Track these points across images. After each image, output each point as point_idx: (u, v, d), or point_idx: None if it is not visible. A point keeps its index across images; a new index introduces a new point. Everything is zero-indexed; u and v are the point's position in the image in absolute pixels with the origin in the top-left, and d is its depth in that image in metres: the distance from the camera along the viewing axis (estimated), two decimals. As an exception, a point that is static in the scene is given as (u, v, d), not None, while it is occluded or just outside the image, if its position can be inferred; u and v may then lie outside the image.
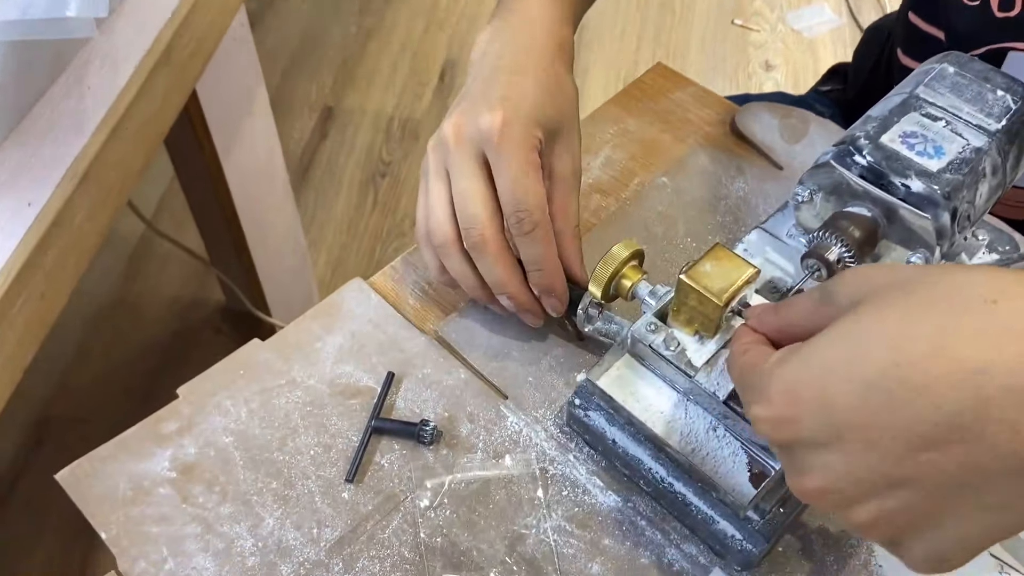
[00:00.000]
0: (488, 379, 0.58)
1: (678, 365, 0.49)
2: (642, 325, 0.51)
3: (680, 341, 0.50)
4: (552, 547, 0.51)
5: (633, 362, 0.52)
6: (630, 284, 0.54)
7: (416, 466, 0.54)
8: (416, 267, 0.64)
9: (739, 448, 0.49)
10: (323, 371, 0.57)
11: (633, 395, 0.51)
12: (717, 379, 0.49)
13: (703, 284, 0.48)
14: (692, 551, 0.51)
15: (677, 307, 0.50)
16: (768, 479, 0.47)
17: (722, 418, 0.49)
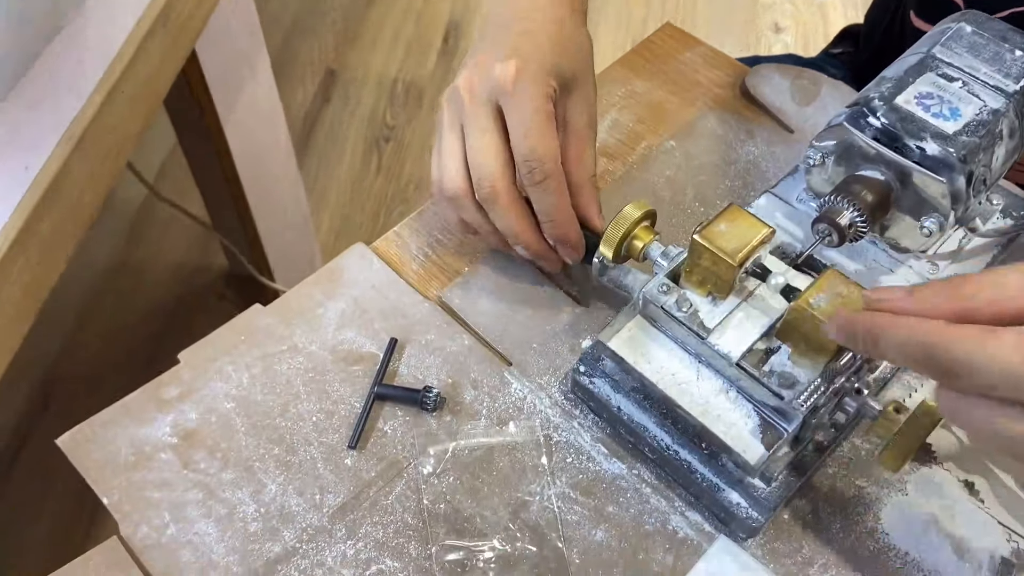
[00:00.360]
0: (492, 345, 0.57)
1: (690, 327, 0.48)
2: (654, 286, 0.50)
3: (693, 302, 0.49)
4: (556, 514, 0.51)
5: (645, 324, 0.52)
6: (642, 245, 0.53)
7: (419, 433, 0.53)
8: (419, 232, 0.63)
9: (752, 410, 0.48)
10: (325, 337, 0.57)
11: (644, 356, 0.50)
12: (730, 341, 0.48)
13: (717, 244, 0.47)
14: (697, 518, 0.51)
15: (690, 268, 0.49)
16: (781, 440, 0.47)
17: (735, 381, 0.49)
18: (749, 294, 0.50)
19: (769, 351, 0.48)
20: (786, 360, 0.48)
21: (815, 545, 0.50)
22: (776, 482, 0.48)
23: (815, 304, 0.45)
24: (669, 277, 0.51)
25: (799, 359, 0.47)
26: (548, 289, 0.60)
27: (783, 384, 0.46)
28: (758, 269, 0.49)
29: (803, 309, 0.45)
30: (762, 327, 0.49)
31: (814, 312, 0.44)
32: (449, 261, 0.61)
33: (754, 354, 0.48)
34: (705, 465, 0.50)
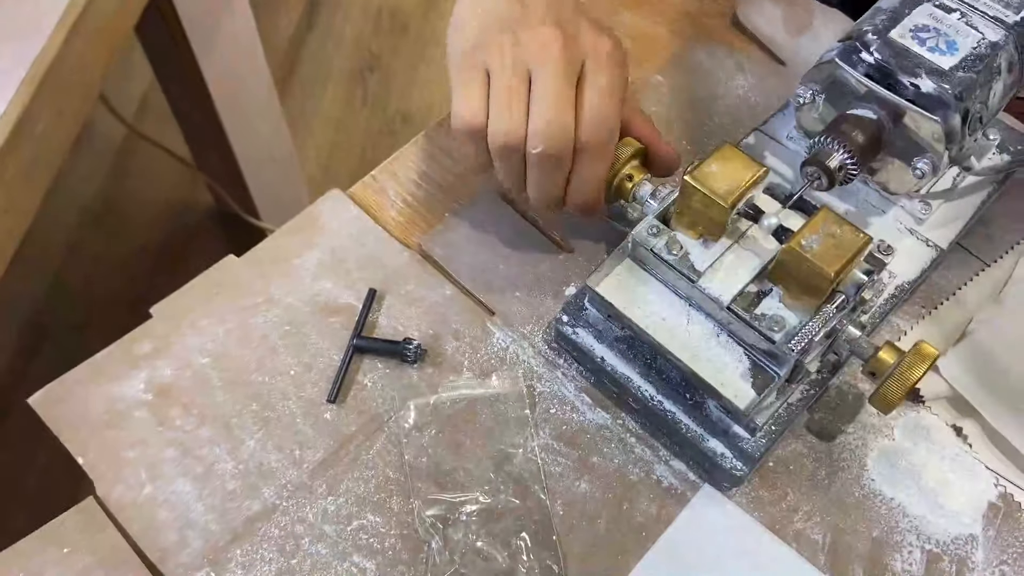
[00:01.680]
0: (474, 295, 0.56)
1: (680, 270, 0.47)
2: (643, 228, 0.48)
3: (683, 245, 0.48)
4: (539, 465, 0.50)
5: (634, 267, 0.50)
6: (632, 184, 0.51)
7: (400, 386, 0.52)
8: (398, 176, 0.61)
9: (742, 355, 0.47)
10: (302, 288, 0.55)
11: (633, 301, 0.49)
12: (721, 284, 0.47)
13: (709, 185, 0.45)
14: (681, 468, 0.50)
15: (681, 209, 0.48)
16: (773, 383, 0.46)
17: (725, 324, 0.48)
18: (741, 235, 0.48)
19: (761, 294, 0.47)
20: (778, 303, 0.46)
21: (800, 492, 0.50)
22: (761, 431, 0.48)
23: (807, 245, 0.43)
24: (659, 218, 0.49)
25: (791, 301, 0.46)
26: (532, 235, 0.58)
27: (774, 327, 0.45)
28: (750, 210, 0.48)
29: (795, 250, 0.43)
30: (753, 269, 0.47)
31: (806, 254, 0.43)
32: (429, 207, 0.60)
33: (745, 297, 0.47)
34: (689, 416, 0.49)
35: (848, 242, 0.44)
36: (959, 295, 0.56)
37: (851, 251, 0.44)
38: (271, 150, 1.35)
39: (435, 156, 0.62)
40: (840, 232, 0.44)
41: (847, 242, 0.44)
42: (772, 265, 0.46)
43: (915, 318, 0.55)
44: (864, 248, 0.44)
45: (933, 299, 0.56)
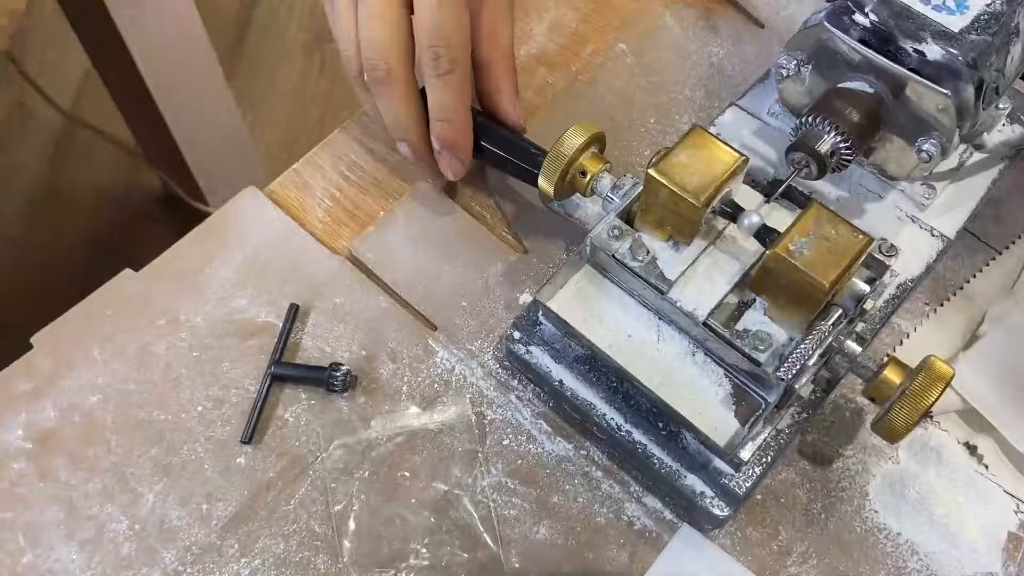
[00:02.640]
0: (414, 307, 0.48)
1: (647, 279, 0.40)
2: (603, 229, 0.41)
3: (650, 249, 0.40)
4: (491, 509, 0.43)
5: (594, 275, 0.43)
6: (588, 177, 0.44)
7: (327, 420, 0.45)
8: (324, 168, 0.53)
9: (723, 376, 0.40)
10: (211, 307, 0.48)
11: (594, 315, 0.42)
12: (695, 294, 0.40)
13: (677, 181, 0.38)
14: (656, 505, 0.43)
15: (646, 207, 0.40)
16: (759, 411, 0.39)
17: (702, 342, 0.41)
18: (717, 236, 0.41)
19: (743, 305, 0.40)
20: (763, 316, 0.40)
21: (793, 529, 0.43)
22: (747, 466, 0.41)
23: (796, 251, 0.36)
24: (622, 217, 0.42)
25: (779, 314, 0.39)
26: (480, 234, 0.50)
27: (759, 345, 0.38)
28: (727, 207, 0.41)
29: (782, 258, 0.36)
30: (733, 276, 0.40)
31: (795, 262, 0.36)
32: (361, 204, 0.52)
33: (724, 309, 0.40)
34: (662, 448, 0.42)
35: (845, 245, 0.37)
36: (967, 289, 0.49)
37: (849, 256, 0.36)
38: (218, 130, 1.25)
39: (368, 143, 0.54)
40: (835, 233, 0.37)
41: (844, 245, 0.37)
42: (756, 272, 0.39)
43: (918, 317, 0.49)
44: (864, 252, 0.37)
45: (938, 295, 0.49)
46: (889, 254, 0.40)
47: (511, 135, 0.48)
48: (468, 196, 0.52)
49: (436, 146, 0.47)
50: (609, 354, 0.41)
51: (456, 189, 0.52)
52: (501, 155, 0.48)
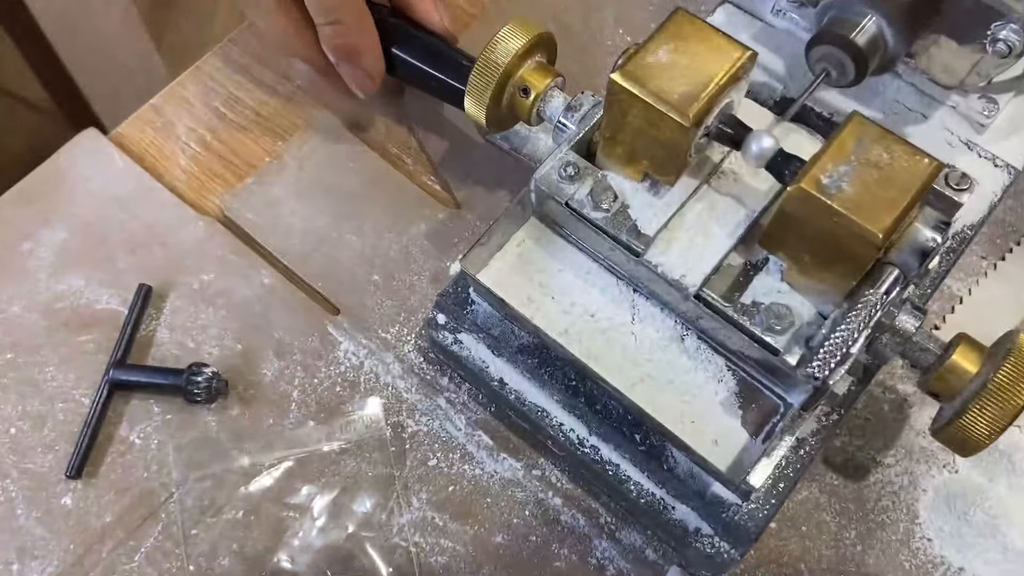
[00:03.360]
0: (308, 282, 0.36)
1: (616, 235, 0.28)
2: (553, 168, 0.29)
3: (619, 193, 0.29)
4: (412, 556, 0.32)
5: (543, 232, 0.32)
6: (533, 97, 0.32)
7: (187, 440, 0.33)
8: (192, 102, 0.40)
9: (724, 370, 0.29)
10: (34, 290, 0.36)
11: (543, 289, 0.31)
12: (683, 256, 0.28)
13: (654, 89, 0.27)
14: (634, 541, 0.32)
15: (611, 133, 0.29)
16: (776, 419, 0.28)
17: (694, 321, 0.29)
18: (713, 171, 0.30)
19: (751, 268, 0.29)
20: (779, 282, 0.28)
21: (820, 567, 0.32)
22: (758, 492, 0.29)
23: (831, 185, 0.26)
24: (580, 150, 0.30)
25: (803, 280, 0.28)
26: (397, 183, 0.38)
27: (775, 324, 0.27)
28: (727, 128, 0.28)
29: (811, 195, 0.25)
30: (737, 228, 0.29)
31: (831, 201, 0.25)
32: (239, 149, 0.39)
33: (725, 275, 0.29)
34: (642, 469, 0.31)
35: (903, 174, 0.25)
36: (1034, 236, 0.38)
37: (910, 191, 0.25)
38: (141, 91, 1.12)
39: (251, 69, 0.41)
40: (888, 157, 0.26)
41: (901, 174, 0.25)
42: (770, 221, 0.27)
43: (975, 275, 0.37)
44: (929, 183, 0.25)
45: (998, 244, 0.38)
46: (960, 187, 0.28)
47: (434, 42, 0.36)
48: (381, 134, 0.40)
49: (332, 58, 0.35)
50: (562, 343, 0.29)
51: (365, 126, 0.40)
52: (421, 69, 0.36)
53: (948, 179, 0.28)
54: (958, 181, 0.28)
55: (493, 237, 0.31)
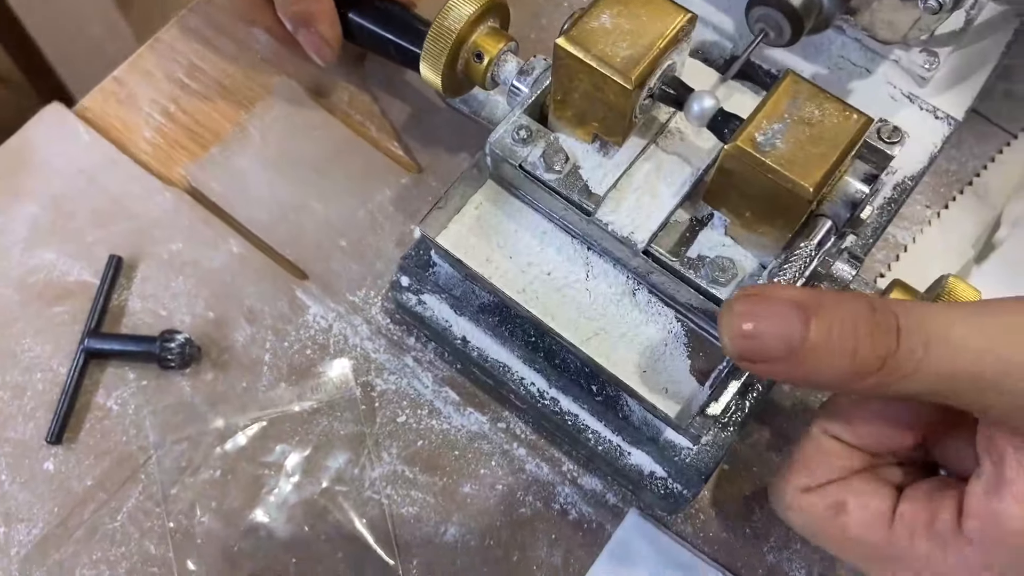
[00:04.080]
0: (276, 249, 0.37)
1: (568, 195, 0.30)
2: (507, 131, 0.30)
3: (570, 154, 0.30)
4: (384, 508, 0.33)
5: (499, 194, 0.33)
6: (486, 62, 0.32)
7: (163, 405, 0.34)
8: (154, 74, 0.41)
9: (673, 321, 0.30)
10: (6, 265, 0.36)
11: (500, 249, 0.32)
12: (632, 214, 0.29)
13: (598, 52, 0.28)
14: (595, 487, 0.34)
15: (561, 96, 0.30)
16: (724, 365, 0.29)
17: (644, 276, 0.31)
18: (660, 131, 0.31)
19: (697, 224, 0.30)
20: (723, 236, 0.29)
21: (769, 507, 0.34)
22: (709, 435, 0.31)
23: (766, 141, 0.26)
24: (533, 114, 0.31)
25: (744, 233, 0.29)
26: (361, 149, 0.39)
27: (720, 277, 0.28)
28: (670, 89, 0.30)
29: (747, 153, 0.26)
30: (683, 186, 0.30)
31: (766, 158, 0.26)
32: (204, 119, 0.40)
33: (672, 231, 0.30)
34: (599, 418, 0.32)
35: (833, 130, 0.27)
36: (977, 184, 0.39)
37: (839, 146, 0.26)
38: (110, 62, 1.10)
39: (212, 39, 0.42)
40: (819, 114, 0.27)
41: (832, 130, 0.27)
42: (712, 177, 0.29)
43: (918, 224, 0.39)
44: (860, 138, 0.27)
45: (942, 193, 0.39)
46: (892, 140, 0.29)
47: (392, 7, 0.37)
48: (344, 101, 0.41)
49: (288, 26, 0.36)
50: (520, 301, 0.30)
51: (328, 93, 0.40)
52: (378, 34, 0.37)
53: (880, 133, 0.29)
54: (890, 134, 0.29)
55: (451, 200, 0.32)
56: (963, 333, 0.23)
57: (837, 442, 0.27)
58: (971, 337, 0.23)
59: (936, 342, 0.23)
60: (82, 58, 1.06)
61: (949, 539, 0.25)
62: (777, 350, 0.23)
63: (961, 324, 0.23)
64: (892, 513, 0.26)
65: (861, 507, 0.26)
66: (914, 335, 0.23)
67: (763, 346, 0.23)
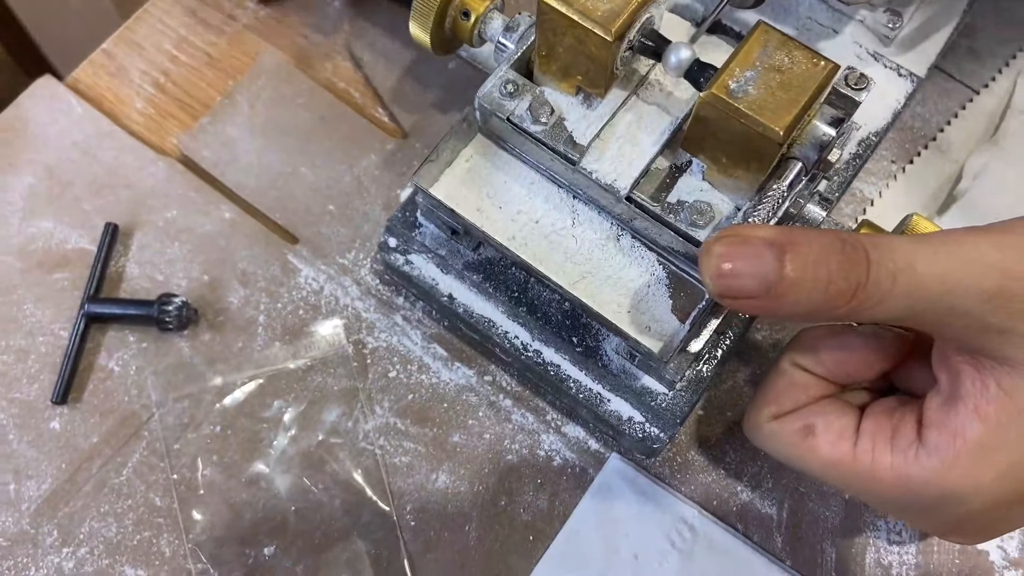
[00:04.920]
0: (267, 215, 0.39)
1: (554, 146, 0.31)
2: (494, 86, 0.32)
3: (555, 107, 0.31)
4: (377, 458, 0.35)
5: (488, 147, 0.34)
6: (473, 19, 0.34)
7: (163, 367, 0.36)
8: (143, 46, 0.42)
9: (655, 264, 0.32)
10: (6, 234, 0.38)
11: (491, 199, 0.33)
12: (615, 162, 0.31)
13: (579, 6, 0.29)
14: (578, 434, 0.36)
15: (545, 51, 0.31)
16: (703, 304, 0.31)
17: (627, 221, 0.32)
18: (641, 83, 0.32)
19: (676, 170, 0.32)
20: (701, 181, 0.31)
21: (743, 448, 0.36)
22: (682, 381, 0.33)
23: (738, 89, 0.28)
24: (519, 68, 0.32)
25: (721, 178, 0.31)
26: (346, 116, 0.40)
27: (698, 220, 0.30)
28: (649, 41, 0.31)
29: (721, 99, 0.28)
30: (662, 134, 0.32)
31: (738, 104, 0.27)
32: (193, 89, 0.41)
33: (652, 178, 0.31)
34: (580, 367, 0.34)
35: (802, 77, 0.28)
36: (941, 139, 0.41)
37: (807, 92, 0.28)
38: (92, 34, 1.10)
39: (197, 11, 0.43)
40: (789, 62, 0.28)
41: (801, 77, 0.28)
42: (689, 125, 0.30)
43: (885, 178, 0.40)
44: (827, 84, 0.28)
45: (906, 149, 0.41)
46: (858, 86, 0.31)
47: None
48: (329, 69, 0.42)
49: None
50: (511, 248, 0.32)
51: (313, 62, 0.42)
52: None
53: (848, 80, 0.31)
54: (856, 81, 0.30)
55: (442, 154, 0.33)
56: (926, 262, 0.25)
57: (805, 373, 0.29)
58: (933, 265, 0.25)
59: (902, 271, 0.25)
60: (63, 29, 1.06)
61: (909, 449, 0.27)
62: (755, 287, 0.25)
63: (924, 253, 0.25)
64: (857, 430, 0.28)
65: (827, 427, 0.28)
66: (883, 266, 0.25)
67: (742, 284, 0.25)
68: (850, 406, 0.29)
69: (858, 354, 0.29)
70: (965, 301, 0.24)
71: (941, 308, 0.25)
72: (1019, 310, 0.24)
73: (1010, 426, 0.25)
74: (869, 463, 0.27)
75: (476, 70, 0.39)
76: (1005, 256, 0.24)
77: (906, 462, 0.27)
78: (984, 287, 0.24)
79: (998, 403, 0.25)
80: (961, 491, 0.26)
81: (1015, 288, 0.24)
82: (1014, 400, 0.25)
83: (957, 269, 0.24)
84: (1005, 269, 0.24)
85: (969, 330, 0.25)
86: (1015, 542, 0.34)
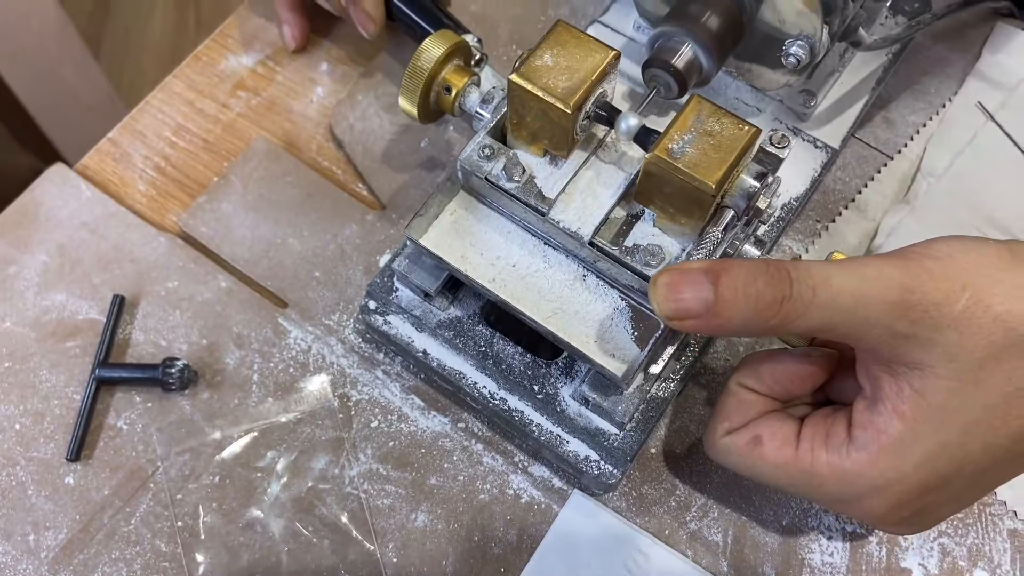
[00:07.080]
0: (259, 282, 0.43)
1: (526, 200, 0.35)
2: (473, 150, 0.36)
3: (526, 167, 0.36)
4: (362, 501, 0.39)
5: (470, 201, 0.38)
6: (455, 93, 0.38)
7: (167, 424, 0.40)
8: (145, 134, 0.46)
9: (617, 299, 0.36)
10: (23, 307, 0.42)
11: (473, 247, 0.37)
12: (579, 212, 0.35)
13: (543, 85, 0.34)
14: (543, 474, 0.40)
15: (516, 120, 0.36)
16: (659, 333, 0.35)
17: (591, 263, 0.36)
18: (598, 145, 0.37)
19: (632, 219, 0.36)
20: (653, 228, 0.36)
21: (691, 482, 0.40)
22: (632, 422, 0.37)
23: (677, 151, 0.32)
24: (495, 134, 0.37)
25: (668, 224, 0.35)
26: (329, 193, 0.45)
27: (650, 260, 0.34)
28: (603, 112, 0.36)
29: (663, 160, 0.32)
30: (618, 188, 0.36)
31: (677, 163, 0.32)
32: (191, 172, 0.46)
33: (611, 225, 0.36)
34: (541, 412, 0.38)
35: (730, 139, 0.33)
36: (859, 200, 0.46)
37: (735, 151, 0.32)
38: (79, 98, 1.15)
39: (194, 101, 0.47)
40: (719, 127, 0.33)
41: (729, 139, 0.33)
42: (639, 180, 0.35)
43: (810, 237, 0.45)
44: (752, 144, 0.33)
45: (829, 210, 0.46)
46: (781, 144, 0.35)
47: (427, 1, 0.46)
48: (313, 150, 0.46)
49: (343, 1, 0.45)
50: (492, 289, 0.36)
51: (299, 143, 0.46)
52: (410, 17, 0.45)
53: (772, 139, 0.35)
54: (779, 140, 0.35)
55: (430, 208, 0.38)
56: (840, 279, 0.29)
57: (751, 392, 0.34)
58: (846, 281, 0.29)
59: (821, 286, 0.29)
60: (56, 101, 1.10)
61: (843, 447, 0.31)
62: (696, 308, 0.30)
63: (838, 273, 0.30)
64: (798, 436, 0.33)
65: (772, 436, 0.33)
66: (804, 282, 0.29)
67: (685, 306, 0.30)
68: (791, 417, 0.34)
69: (792, 371, 0.34)
70: (875, 311, 0.29)
71: (856, 319, 0.29)
72: (919, 318, 0.29)
73: (924, 422, 0.30)
74: (810, 462, 0.32)
75: (444, 150, 0.44)
76: (903, 274, 0.29)
77: (840, 458, 0.31)
78: (889, 299, 0.29)
79: (912, 402, 0.30)
80: (888, 480, 0.31)
81: (913, 299, 0.29)
82: (926, 399, 0.30)
83: (866, 284, 0.29)
84: (903, 283, 0.29)
85: (882, 339, 0.29)
86: (935, 559, 0.39)
